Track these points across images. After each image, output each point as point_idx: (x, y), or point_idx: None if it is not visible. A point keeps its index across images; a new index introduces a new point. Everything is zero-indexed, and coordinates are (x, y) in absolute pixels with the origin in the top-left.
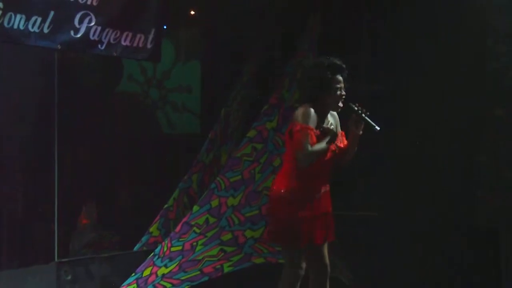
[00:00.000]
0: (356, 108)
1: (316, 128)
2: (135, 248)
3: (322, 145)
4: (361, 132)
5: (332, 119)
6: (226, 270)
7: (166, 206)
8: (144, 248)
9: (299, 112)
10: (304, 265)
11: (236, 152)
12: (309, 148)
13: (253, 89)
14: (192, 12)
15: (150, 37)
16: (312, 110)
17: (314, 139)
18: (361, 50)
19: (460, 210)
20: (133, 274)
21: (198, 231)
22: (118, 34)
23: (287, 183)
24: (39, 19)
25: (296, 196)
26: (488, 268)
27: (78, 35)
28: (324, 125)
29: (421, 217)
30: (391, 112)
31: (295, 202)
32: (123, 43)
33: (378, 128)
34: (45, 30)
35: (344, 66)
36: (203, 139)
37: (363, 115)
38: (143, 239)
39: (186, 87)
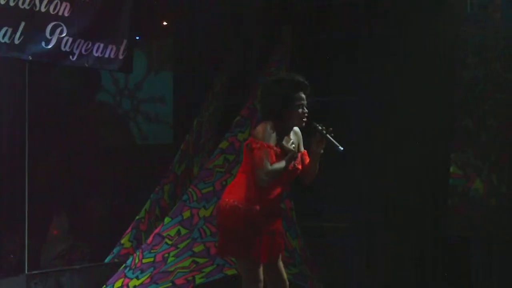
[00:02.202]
0: (320, 128)
1: (277, 145)
2: (107, 260)
3: (281, 164)
4: (322, 151)
5: (294, 137)
6: (198, 281)
7: (137, 217)
8: (116, 260)
9: (259, 129)
10: (262, 277)
11: (208, 163)
12: (269, 167)
13: (225, 100)
14: (165, 23)
15: (122, 48)
16: (272, 127)
17: (274, 157)
18: (334, 61)
19: (431, 219)
20: (104, 286)
21: (170, 242)
22: (89, 45)
23: (242, 194)
24: (10, 30)
25: (251, 209)
26: (459, 277)
27: (49, 46)
28: (285, 143)
29: (392, 227)
30: (365, 122)
31: (250, 215)
32: (94, 54)
33: (342, 148)
34: (16, 41)
35: (306, 83)
36: (175, 150)
37: (327, 135)
38: (115, 250)
39: (158, 98)
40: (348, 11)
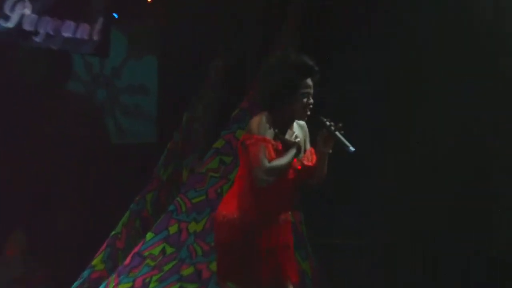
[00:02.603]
0: (327, 123)
1: (275, 140)
2: (74, 286)
3: (283, 160)
4: (330, 151)
5: (299, 131)
6: None
7: (113, 232)
8: (86, 286)
9: (254, 121)
10: None
11: (201, 166)
12: (267, 164)
13: (222, 91)
14: None
15: (97, 27)
16: (269, 118)
17: (273, 153)
18: (351, 47)
19: (470, 236)
20: None
21: (152, 264)
22: (58, 24)
23: (238, 205)
24: None
25: (250, 221)
26: None
27: (10, 25)
28: (288, 137)
29: (417, 245)
30: (385, 116)
31: (250, 228)
32: (64, 34)
33: (353, 149)
34: None
35: (316, 68)
36: (160, 150)
37: (336, 132)
38: (84, 274)
39: (140, 87)
40: None
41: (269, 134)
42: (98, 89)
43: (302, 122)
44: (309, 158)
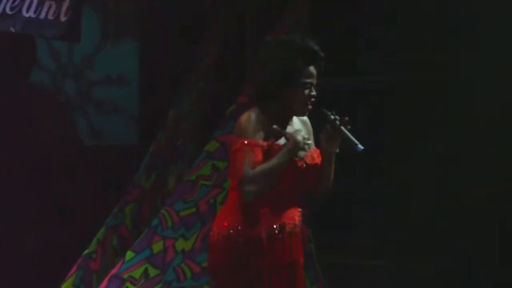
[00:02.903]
0: (332, 117)
1: (269, 140)
2: None
3: (271, 162)
4: (337, 151)
5: (302, 127)
6: None
7: (86, 251)
8: None
9: (241, 120)
10: None
11: (190, 173)
12: (249, 172)
13: (215, 82)
14: None
15: (65, 5)
16: (260, 115)
17: (260, 157)
18: (367, 33)
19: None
20: None
21: None
22: (17, 1)
23: (234, 221)
24: None
25: (248, 238)
26: None
27: None
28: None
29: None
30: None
31: (248, 247)
32: (25, 14)
33: (362, 147)
34: None
35: (322, 54)
36: (141, 154)
37: (342, 127)
38: None
39: (117, 79)
40: None
41: (259, 135)
42: (66, 81)
43: (305, 118)
44: (314, 158)
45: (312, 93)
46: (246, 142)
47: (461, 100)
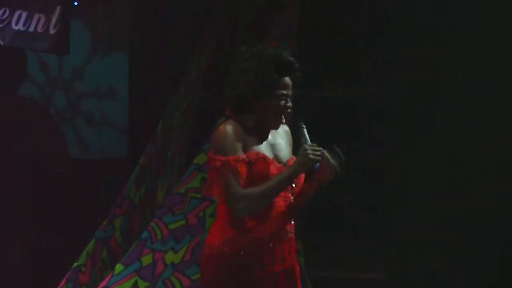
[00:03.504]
0: (304, 131)
1: (249, 151)
2: None
3: (274, 180)
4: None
5: (280, 136)
6: None
7: (76, 264)
8: None
9: (216, 135)
10: None
11: (179, 185)
12: (240, 191)
13: (205, 94)
14: None
15: (54, 18)
16: (235, 128)
17: (244, 172)
18: (358, 42)
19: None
20: None
21: None
22: (6, 14)
23: (225, 234)
24: None
25: (238, 249)
26: None
27: None
28: (266, 148)
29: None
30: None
31: (241, 259)
32: (14, 26)
33: (318, 166)
34: None
35: (297, 64)
36: (131, 166)
37: (308, 142)
38: None
39: (107, 91)
40: None
41: (237, 149)
42: (56, 94)
43: (286, 127)
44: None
45: (288, 104)
46: (226, 159)
47: (460, 101)
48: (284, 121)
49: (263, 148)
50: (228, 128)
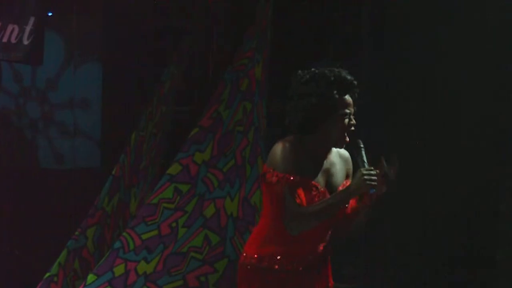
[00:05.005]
0: (362, 151)
1: (304, 176)
2: None
3: (327, 202)
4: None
5: (339, 161)
6: None
7: (48, 274)
8: None
9: (273, 151)
10: None
11: (152, 196)
12: (297, 209)
13: (178, 105)
14: None
15: (28, 29)
16: (293, 147)
17: (301, 192)
18: (334, 49)
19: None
20: None
21: None
22: None
23: (257, 247)
24: None
25: (277, 267)
26: None
27: None
28: (321, 174)
29: None
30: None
31: (277, 276)
32: None
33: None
34: None
35: (355, 81)
36: (104, 177)
37: (365, 160)
38: None
39: (80, 102)
40: None
41: (296, 167)
42: (29, 104)
43: (343, 150)
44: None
45: (352, 122)
46: (284, 176)
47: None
48: (347, 139)
49: (317, 172)
50: (288, 146)
